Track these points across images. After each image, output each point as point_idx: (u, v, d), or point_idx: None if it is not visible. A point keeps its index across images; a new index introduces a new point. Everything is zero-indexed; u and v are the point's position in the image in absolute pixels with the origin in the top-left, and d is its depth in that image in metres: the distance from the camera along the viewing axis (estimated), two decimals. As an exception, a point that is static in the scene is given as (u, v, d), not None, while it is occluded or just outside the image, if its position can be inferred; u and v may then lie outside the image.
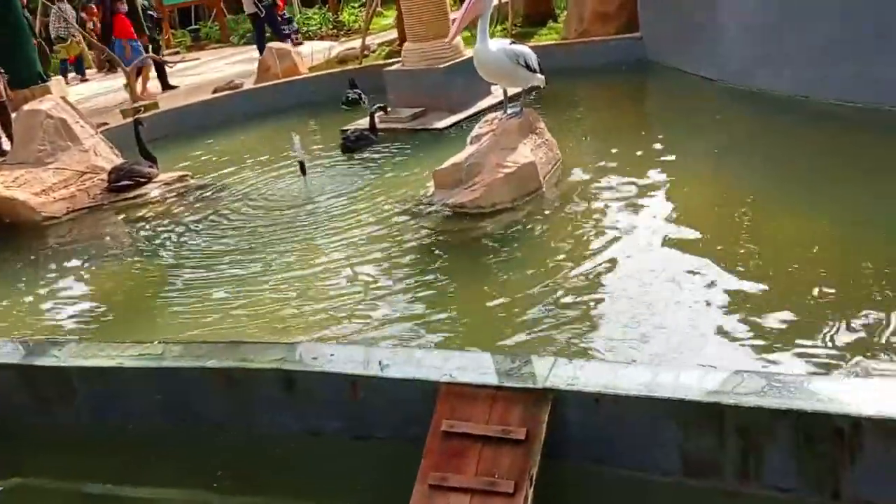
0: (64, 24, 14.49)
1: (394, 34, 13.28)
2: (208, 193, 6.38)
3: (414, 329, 3.66)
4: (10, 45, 11.44)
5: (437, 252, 4.44)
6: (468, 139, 5.44)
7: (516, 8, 10.36)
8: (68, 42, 14.91)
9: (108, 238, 5.77)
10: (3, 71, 8.87)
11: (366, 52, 11.14)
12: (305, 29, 16.11)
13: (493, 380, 2.79)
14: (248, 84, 10.17)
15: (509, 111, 5.32)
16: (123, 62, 10.53)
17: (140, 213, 6.15)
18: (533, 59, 5.20)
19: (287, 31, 14.41)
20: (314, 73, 9.99)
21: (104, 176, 6.73)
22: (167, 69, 11.21)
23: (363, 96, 8.88)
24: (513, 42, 5.25)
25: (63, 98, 7.23)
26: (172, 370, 3.38)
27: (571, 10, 9.39)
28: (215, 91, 9.90)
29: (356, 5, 17.55)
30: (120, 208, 6.36)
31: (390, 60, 10.03)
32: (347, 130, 7.20)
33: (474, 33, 5.23)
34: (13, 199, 6.26)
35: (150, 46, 12.79)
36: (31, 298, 4.88)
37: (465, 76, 7.48)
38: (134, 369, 3.45)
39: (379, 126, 7.34)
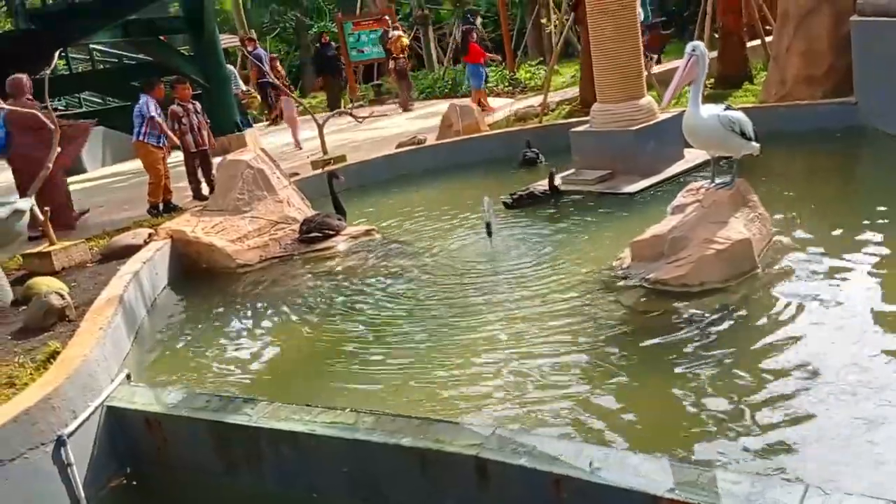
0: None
1: (570, 92, 13.13)
2: (393, 249, 6.37)
3: (602, 421, 3.32)
4: (214, 96, 12.39)
5: (633, 333, 4.07)
6: (669, 209, 5.07)
7: (709, 68, 9.87)
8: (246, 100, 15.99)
9: (295, 291, 5.79)
10: (208, 121, 9.45)
11: (545, 111, 11.02)
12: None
13: (728, 503, 2.41)
14: (431, 139, 10.29)
15: (717, 181, 4.91)
16: (477, 83, 13.02)
17: (327, 267, 6.21)
18: (749, 127, 4.78)
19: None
20: (494, 132, 9.97)
21: (295, 226, 6.91)
22: (359, 121, 11.69)
23: (540, 157, 8.74)
24: (728, 107, 4.85)
25: (263, 150, 7.55)
26: (364, 444, 3.24)
27: (772, 72, 8.81)
28: (399, 146, 10.08)
29: (533, 63, 17.62)
30: (308, 259, 6.48)
31: (570, 120, 9.86)
32: (518, 191, 7.05)
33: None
34: (211, 245, 6.54)
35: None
36: (217, 347, 4.95)
37: (657, 140, 7.18)
38: (326, 438, 3.35)
39: (563, 187, 7.14)
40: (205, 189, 9.28)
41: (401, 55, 15.74)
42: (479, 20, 18.34)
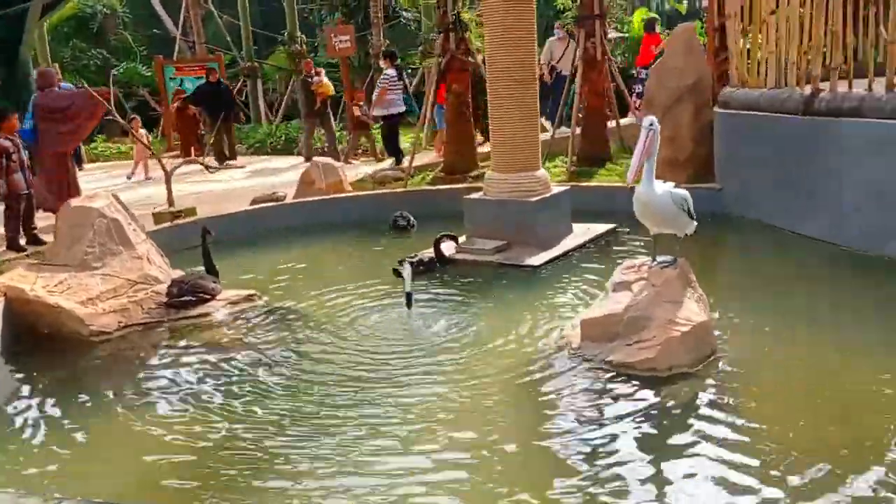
0: None
1: (421, 159, 12.89)
2: (283, 319, 5.58)
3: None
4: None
5: (609, 422, 3.70)
6: (609, 286, 4.82)
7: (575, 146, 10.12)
8: None
9: (167, 368, 4.79)
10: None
11: (409, 175, 10.66)
12: (319, 146, 15.74)
13: None
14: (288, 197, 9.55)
15: (659, 259, 4.77)
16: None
17: (205, 338, 5.28)
18: (691, 206, 4.73)
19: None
20: (363, 193, 9.45)
21: (157, 287, 5.92)
22: (210, 172, 10.63)
23: (412, 222, 8.36)
24: (676, 185, 4.78)
25: (115, 196, 6.47)
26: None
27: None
28: (254, 202, 9.23)
29: (376, 127, 17.37)
30: (180, 328, 5.50)
31: (440, 187, 9.62)
32: (406, 258, 6.58)
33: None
34: (57, 307, 5.38)
35: None
36: (74, 438, 3.93)
37: (552, 212, 7.07)
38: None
39: (457, 256, 6.77)
40: (22, 239, 7.85)
41: (360, 102, 14.36)
42: None
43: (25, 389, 4.65)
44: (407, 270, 5.42)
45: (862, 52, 7.31)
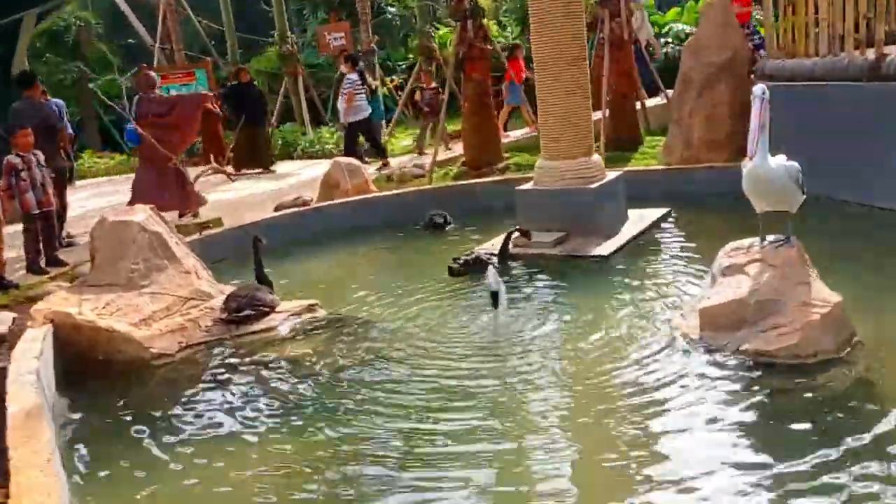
0: None
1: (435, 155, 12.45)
2: (351, 328, 5.19)
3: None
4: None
5: (777, 420, 3.35)
6: (715, 270, 4.50)
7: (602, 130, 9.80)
8: None
9: (245, 390, 4.37)
10: (52, 174, 7.60)
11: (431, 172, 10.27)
12: (319, 148, 15.28)
13: None
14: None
15: (770, 238, 4.45)
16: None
17: (274, 354, 4.86)
18: (802, 179, 4.42)
19: None
20: (390, 192, 9.05)
21: (211, 303, 5.50)
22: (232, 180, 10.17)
23: (449, 219, 8.00)
24: (789, 159, 4.47)
25: (152, 208, 6.03)
26: None
27: (675, 136, 8.84)
28: (278, 208, 8.80)
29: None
30: (244, 345, 5.08)
31: (468, 181, 9.26)
32: (462, 255, 6.25)
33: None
34: (112, 331, 4.94)
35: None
36: (170, 479, 3.48)
37: (611, 199, 6.75)
38: None
39: (513, 251, 6.41)
40: (43, 261, 7.35)
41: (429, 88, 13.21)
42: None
43: (90, 423, 4.21)
44: (492, 269, 5.06)
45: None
